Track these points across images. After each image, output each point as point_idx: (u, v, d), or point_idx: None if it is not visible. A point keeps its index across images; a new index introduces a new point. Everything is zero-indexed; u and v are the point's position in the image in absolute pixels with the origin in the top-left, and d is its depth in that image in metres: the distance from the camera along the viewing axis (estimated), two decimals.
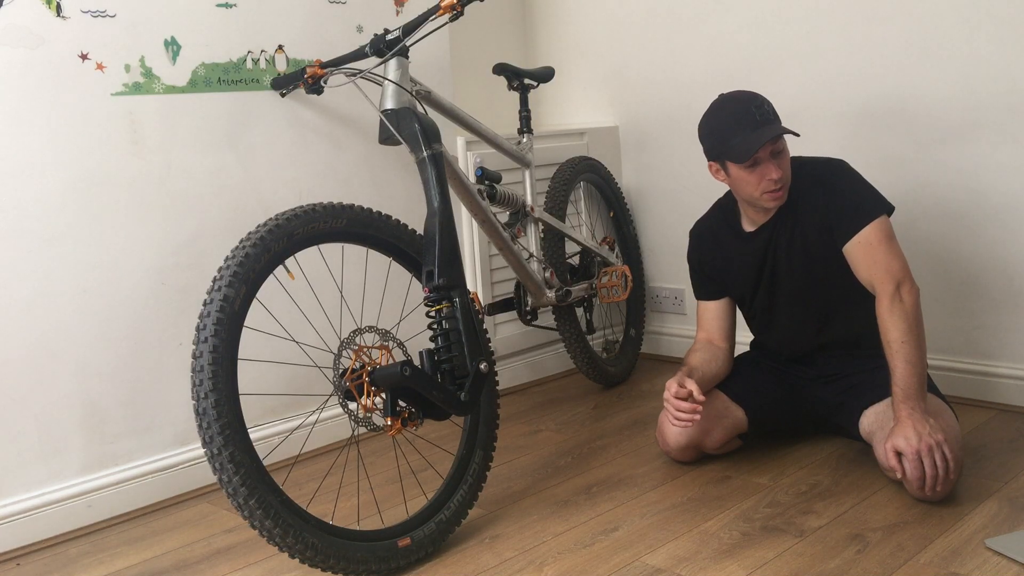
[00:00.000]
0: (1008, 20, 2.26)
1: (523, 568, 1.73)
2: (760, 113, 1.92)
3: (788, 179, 1.96)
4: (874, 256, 1.93)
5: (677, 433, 2.10)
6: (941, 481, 1.78)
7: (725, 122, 1.96)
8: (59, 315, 2.02)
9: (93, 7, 2.03)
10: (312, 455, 2.42)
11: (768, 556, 1.69)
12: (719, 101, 2.00)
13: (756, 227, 2.09)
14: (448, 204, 1.85)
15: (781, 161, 1.94)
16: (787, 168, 1.96)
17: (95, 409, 2.08)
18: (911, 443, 1.77)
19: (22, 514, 1.98)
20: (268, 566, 1.82)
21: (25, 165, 1.96)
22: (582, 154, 2.99)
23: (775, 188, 1.95)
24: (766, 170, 1.93)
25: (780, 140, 1.93)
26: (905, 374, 1.84)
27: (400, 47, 1.97)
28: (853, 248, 1.96)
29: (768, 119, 1.93)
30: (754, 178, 1.95)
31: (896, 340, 1.87)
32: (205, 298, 1.61)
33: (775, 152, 1.93)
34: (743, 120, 1.93)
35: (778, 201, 1.98)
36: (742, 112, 1.94)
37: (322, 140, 2.44)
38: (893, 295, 1.90)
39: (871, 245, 1.93)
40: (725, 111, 1.97)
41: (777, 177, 1.93)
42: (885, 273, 1.92)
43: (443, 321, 1.80)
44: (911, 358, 1.85)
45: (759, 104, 1.94)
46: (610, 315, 3.08)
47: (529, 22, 3.40)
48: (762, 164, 1.93)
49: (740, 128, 1.92)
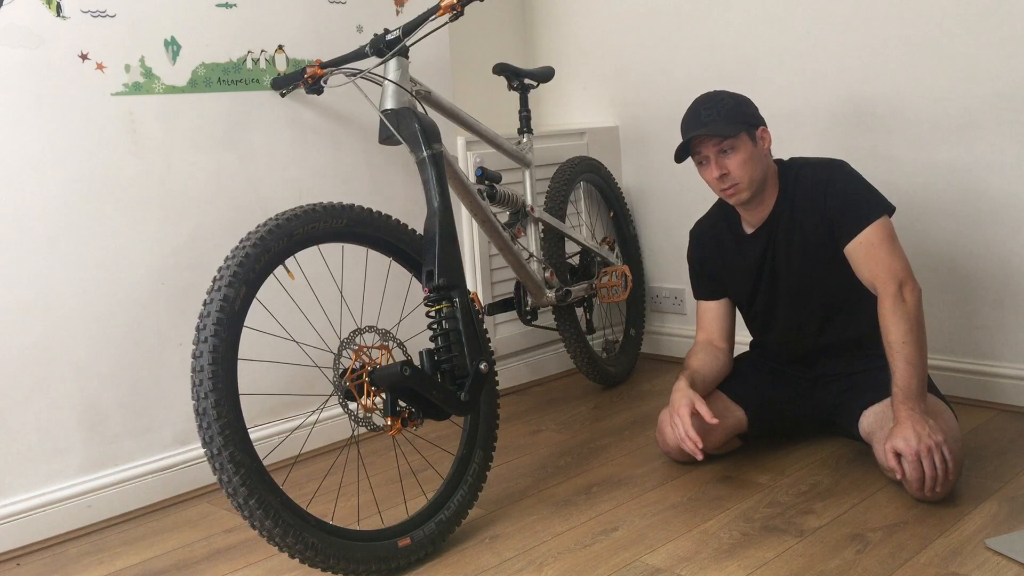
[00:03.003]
0: (1008, 20, 2.26)
1: (523, 568, 1.73)
2: (706, 114, 1.97)
3: (742, 178, 1.97)
4: (876, 256, 1.93)
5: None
6: (941, 482, 1.78)
7: (681, 124, 2.03)
8: (59, 315, 2.02)
9: (93, 7, 2.03)
10: (312, 455, 2.42)
11: (768, 556, 1.69)
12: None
13: (754, 228, 2.09)
14: (448, 204, 1.85)
15: (728, 160, 1.96)
16: (737, 167, 1.96)
17: (95, 409, 2.08)
18: (910, 444, 1.77)
19: (22, 514, 1.98)
20: (268, 566, 1.82)
21: (25, 165, 1.96)
22: (582, 154, 2.99)
23: (725, 186, 1.99)
24: (709, 170, 1.99)
25: (725, 141, 1.95)
26: (905, 375, 1.84)
27: (400, 47, 1.97)
28: (855, 248, 1.96)
29: (710, 120, 1.96)
30: (706, 177, 2.02)
31: (897, 340, 1.87)
32: (205, 298, 1.61)
33: (722, 152, 1.96)
34: (688, 122, 2.01)
35: (736, 199, 2.02)
36: (690, 114, 2.01)
37: (322, 140, 2.44)
38: (895, 295, 1.90)
39: (873, 245, 1.93)
40: (685, 113, 2.03)
41: (716, 176, 1.98)
42: (887, 273, 1.92)
43: (443, 321, 1.80)
44: (912, 359, 1.85)
45: (709, 106, 1.98)
46: (610, 315, 3.08)
47: (529, 22, 3.40)
48: (708, 164, 1.99)
49: (685, 129, 2.01)
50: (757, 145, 1.99)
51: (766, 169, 2.02)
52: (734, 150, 1.96)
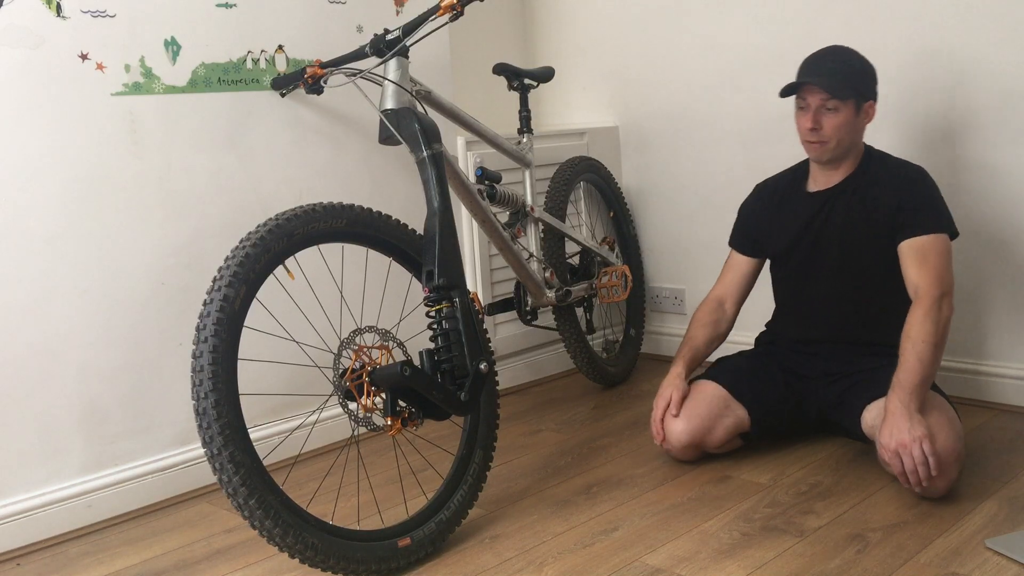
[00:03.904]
0: (1008, 20, 2.26)
1: (523, 568, 1.73)
2: (830, 65, 2.02)
3: (831, 138, 2.01)
4: (929, 262, 1.96)
5: (679, 432, 2.11)
6: (924, 476, 1.79)
7: (803, 63, 2.07)
8: (59, 315, 2.02)
9: (93, 7, 2.03)
10: (312, 455, 2.42)
11: (768, 556, 1.69)
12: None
13: (819, 189, 2.14)
14: (448, 204, 1.85)
15: (826, 117, 2.00)
16: (831, 127, 2.00)
17: (95, 409, 2.08)
18: (893, 438, 1.80)
19: (22, 514, 1.98)
20: (268, 566, 1.82)
21: (25, 165, 1.96)
22: (582, 154, 2.99)
23: (812, 138, 2.03)
24: (805, 118, 2.03)
25: (833, 100, 1.99)
26: (913, 370, 1.86)
27: (400, 47, 1.97)
28: (911, 247, 1.99)
29: (830, 73, 1.99)
30: (800, 122, 2.06)
31: (918, 339, 1.89)
32: (205, 298, 1.61)
33: (825, 108, 2.00)
34: (810, 64, 2.05)
35: (816, 154, 2.07)
36: (815, 58, 2.06)
37: (322, 140, 2.44)
38: (934, 303, 1.92)
39: (930, 252, 1.97)
40: (812, 54, 2.08)
41: (809, 127, 2.02)
42: (934, 281, 1.94)
43: (443, 321, 1.80)
44: (924, 359, 1.87)
45: (837, 59, 2.03)
46: (610, 315, 3.08)
47: (529, 22, 3.40)
48: (807, 112, 2.03)
49: (804, 70, 2.05)
50: (859, 116, 2.03)
51: (856, 141, 2.07)
52: (836, 111, 2.00)
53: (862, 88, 2.02)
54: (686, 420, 2.11)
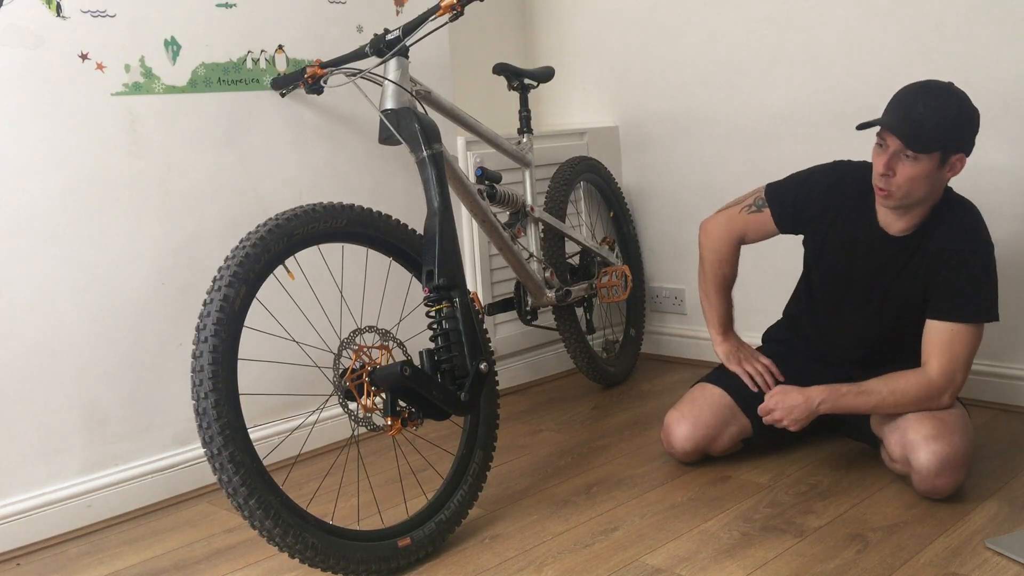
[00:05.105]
0: (1008, 20, 2.26)
1: (523, 568, 1.73)
2: (921, 112, 1.77)
3: (900, 188, 1.82)
4: (951, 350, 1.87)
5: (684, 438, 2.11)
6: (764, 411, 2.01)
7: (894, 96, 1.86)
8: (59, 315, 2.02)
9: (93, 7, 2.03)
10: (312, 455, 2.42)
11: (768, 556, 1.69)
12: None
13: (890, 231, 1.95)
14: (448, 204, 1.85)
15: (902, 165, 1.80)
16: (905, 178, 1.80)
17: (95, 409, 2.08)
18: (778, 405, 1.97)
19: (22, 514, 1.98)
20: (268, 566, 1.82)
21: (25, 165, 1.96)
22: (582, 154, 2.99)
23: (880, 184, 1.84)
24: (880, 160, 1.83)
25: (911, 149, 1.78)
26: (866, 392, 1.91)
27: (400, 47, 1.97)
28: (938, 327, 1.89)
29: (919, 121, 1.77)
30: (874, 156, 1.86)
31: (898, 391, 1.89)
32: (205, 298, 1.61)
33: (904, 154, 1.79)
34: (900, 104, 1.82)
35: (879, 200, 1.88)
36: (908, 98, 1.82)
37: (322, 140, 2.44)
38: (935, 393, 1.87)
39: (955, 340, 1.88)
40: (905, 89, 1.85)
41: (881, 171, 1.82)
42: (949, 372, 1.87)
43: (443, 321, 1.80)
44: (882, 403, 1.90)
45: (931, 104, 1.78)
46: (610, 315, 3.08)
47: (529, 22, 3.40)
48: (883, 153, 1.82)
49: (893, 110, 1.83)
50: (941, 169, 1.81)
51: (932, 194, 1.87)
52: (916, 162, 1.79)
53: (952, 142, 1.79)
54: (692, 427, 2.11)
